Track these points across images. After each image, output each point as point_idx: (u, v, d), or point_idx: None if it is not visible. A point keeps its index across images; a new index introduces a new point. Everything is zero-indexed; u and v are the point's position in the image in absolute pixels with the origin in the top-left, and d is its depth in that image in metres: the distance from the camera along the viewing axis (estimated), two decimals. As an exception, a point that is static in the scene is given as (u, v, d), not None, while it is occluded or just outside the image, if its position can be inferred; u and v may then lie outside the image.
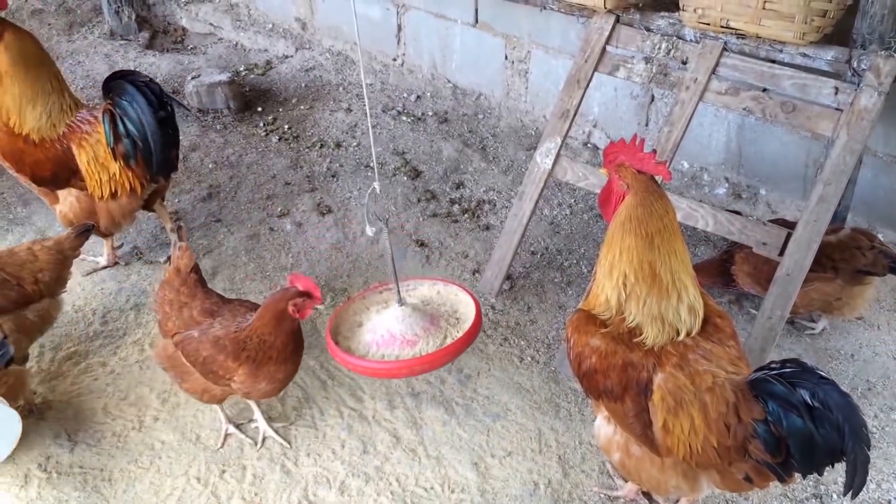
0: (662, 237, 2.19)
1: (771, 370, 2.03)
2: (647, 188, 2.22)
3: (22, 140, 3.34)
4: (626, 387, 2.20)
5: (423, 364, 2.55)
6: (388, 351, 2.58)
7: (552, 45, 4.44)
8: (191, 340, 2.64)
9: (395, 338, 2.60)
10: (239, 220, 4.10)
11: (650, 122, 4.20)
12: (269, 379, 2.63)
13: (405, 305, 2.70)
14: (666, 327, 2.20)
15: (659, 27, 3.25)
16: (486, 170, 4.49)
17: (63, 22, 6.15)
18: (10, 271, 2.88)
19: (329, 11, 5.59)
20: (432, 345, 2.59)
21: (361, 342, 2.64)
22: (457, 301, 2.81)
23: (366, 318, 2.76)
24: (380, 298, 2.86)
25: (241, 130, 4.90)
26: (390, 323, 2.64)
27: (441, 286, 2.89)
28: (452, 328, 2.67)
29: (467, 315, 2.72)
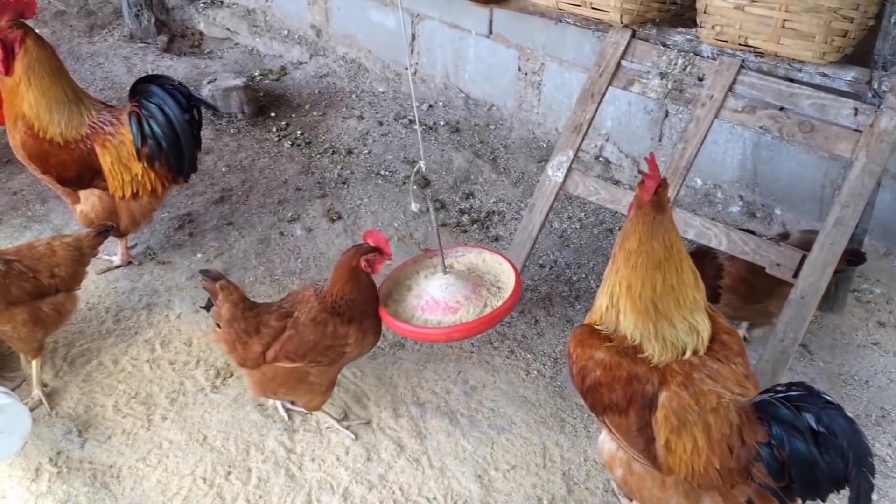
0: (665, 255, 2.19)
1: (777, 393, 2.01)
2: (651, 206, 2.21)
3: (47, 143, 3.38)
4: (632, 400, 2.19)
5: (461, 331, 2.71)
6: (431, 316, 2.73)
7: (566, 58, 4.44)
8: (290, 339, 2.68)
9: (438, 304, 2.75)
10: (250, 223, 4.11)
11: (664, 137, 4.20)
12: (373, 329, 2.80)
13: (450, 273, 2.84)
14: (668, 346, 2.19)
15: (675, 43, 3.25)
16: (497, 181, 4.49)
17: (84, 24, 6.20)
18: (27, 264, 2.93)
19: (344, 19, 5.61)
20: (472, 313, 2.73)
21: (409, 306, 2.80)
22: (500, 270, 2.95)
23: (414, 282, 2.92)
24: (430, 263, 3.01)
25: (254, 135, 4.92)
26: (434, 289, 2.79)
27: (487, 255, 3.03)
28: (493, 297, 2.80)
29: (508, 285, 2.84)
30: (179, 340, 3.33)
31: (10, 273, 2.85)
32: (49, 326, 3.02)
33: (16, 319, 2.88)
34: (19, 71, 3.31)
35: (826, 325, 3.48)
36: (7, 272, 2.84)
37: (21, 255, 2.95)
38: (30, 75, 3.32)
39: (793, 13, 2.81)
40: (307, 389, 2.80)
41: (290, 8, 5.97)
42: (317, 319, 2.68)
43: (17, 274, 2.88)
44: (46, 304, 2.96)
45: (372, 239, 2.74)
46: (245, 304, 2.73)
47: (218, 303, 2.70)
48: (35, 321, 2.93)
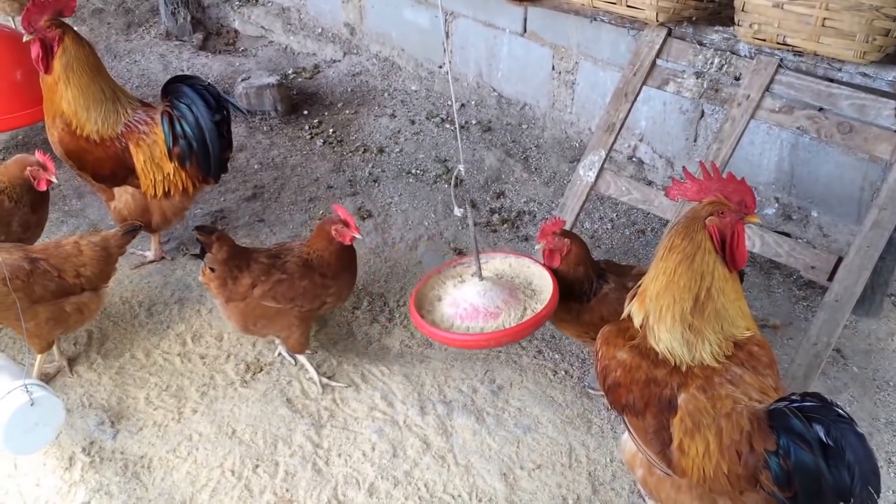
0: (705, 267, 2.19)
1: (791, 402, 2.01)
2: (690, 215, 2.23)
3: (84, 140, 3.47)
4: (648, 402, 2.21)
5: (510, 335, 2.72)
6: (473, 324, 2.74)
7: (601, 56, 4.45)
8: (279, 284, 3.00)
9: (478, 311, 2.75)
10: (281, 220, 4.18)
11: (699, 137, 4.18)
12: (347, 285, 3.16)
13: (485, 279, 2.86)
14: (693, 350, 2.19)
15: (712, 41, 3.24)
16: (528, 180, 4.50)
17: (122, 22, 6.35)
18: (53, 262, 2.97)
19: (378, 18, 5.67)
20: (514, 316, 2.74)
21: (445, 315, 2.80)
22: (530, 273, 2.96)
23: (444, 292, 2.92)
24: (454, 273, 3.02)
25: (286, 133, 5.00)
26: (472, 296, 2.79)
27: (513, 259, 3.06)
28: (530, 299, 2.82)
29: (542, 286, 2.86)
30: (210, 335, 3.40)
31: (35, 272, 2.91)
32: (71, 325, 3.08)
33: (39, 317, 2.94)
34: (58, 69, 3.41)
35: (860, 329, 3.45)
36: (32, 271, 2.90)
37: (48, 253, 3.00)
38: (68, 73, 3.42)
39: (833, 11, 2.78)
40: (285, 325, 3.07)
41: (324, 6, 6.04)
42: (303, 268, 3.00)
43: (42, 273, 2.93)
44: (70, 304, 3.01)
45: (341, 212, 2.97)
46: (238, 248, 3.05)
47: (214, 249, 2.97)
48: (57, 320, 3.00)
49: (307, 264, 3.03)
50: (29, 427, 2.51)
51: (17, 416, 2.41)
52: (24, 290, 2.87)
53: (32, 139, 4.78)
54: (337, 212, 3.00)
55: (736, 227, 2.21)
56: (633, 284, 2.75)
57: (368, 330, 3.47)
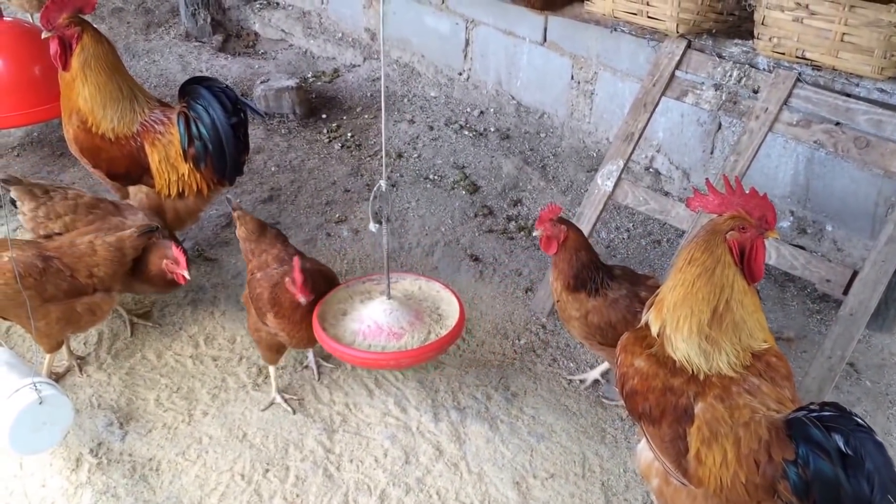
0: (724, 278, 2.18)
1: (810, 412, 2.00)
2: (711, 228, 2.22)
3: (99, 138, 3.47)
4: (664, 411, 2.20)
5: (410, 358, 2.72)
6: (375, 341, 2.73)
7: (620, 67, 4.44)
8: (254, 279, 2.98)
9: (381, 329, 2.74)
10: (297, 223, 4.19)
11: (715, 149, 4.17)
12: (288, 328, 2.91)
13: (392, 299, 2.84)
14: (710, 359, 2.18)
15: (731, 54, 3.23)
16: (545, 189, 4.50)
17: (141, 21, 6.39)
18: (66, 262, 2.96)
19: (399, 23, 5.69)
20: (417, 339, 2.74)
21: (347, 330, 2.78)
22: (438, 298, 2.97)
23: (350, 307, 2.90)
24: (363, 289, 3.01)
25: (304, 136, 5.02)
26: (377, 314, 2.78)
27: (423, 282, 3.06)
28: (435, 324, 2.82)
29: (449, 312, 2.87)
30: (223, 337, 3.41)
31: (48, 271, 2.90)
32: (82, 325, 3.06)
33: (49, 317, 2.93)
34: (76, 66, 3.41)
35: (874, 344, 3.43)
36: (44, 269, 2.89)
37: (62, 252, 2.99)
38: (86, 71, 3.42)
39: (852, 27, 2.79)
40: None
41: (345, 11, 6.07)
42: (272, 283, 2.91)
43: (55, 272, 2.92)
44: (81, 304, 3.00)
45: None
46: (269, 233, 3.14)
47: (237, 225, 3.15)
48: (68, 320, 2.98)
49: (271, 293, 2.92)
50: (37, 426, 2.49)
51: (24, 414, 2.38)
52: (36, 288, 2.86)
53: (48, 136, 4.82)
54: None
55: (756, 242, 2.20)
56: (646, 294, 2.78)
57: (381, 335, 3.47)
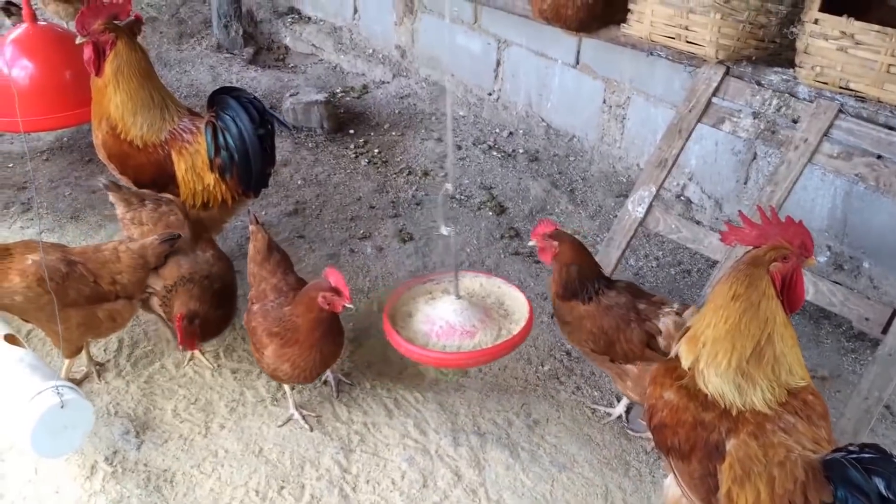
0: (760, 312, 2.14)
1: (848, 453, 1.94)
2: (750, 261, 2.18)
3: (127, 144, 3.48)
4: (694, 446, 2.15)
5: (488, 355, 2.72)
6: (449, 342, 2.71)
7: (654, 92, 4.41)
8: (251, 311, 2.97)
9: (454, 329, 2.72)
10: (321, 238, 4.18)
11: (749, 180, 4.12)
12: (293, 362, 2.82)
13: (461, 298, 2.82)
14: (744, 395, 2.13)
15: (771, 82, 3.20)
16: (573, 213, 4.47)
17: (174, 32, 6.46)
18: (90, 267, 2.96)
19: (429, 41, 5.71)
20: (490, 336, 2.72)
21: (419, 332, 2.76)
22: (501, 293, 2.96)
23: (415, 308, 2.87)
24: (424, 289, 2.99)
25: (331, 150, 5.03)
26: (447, 314, 2.76)
27: (483, 279, 3.05)
28: (504, 320, 2.81)
29: (514, 307, 2.87)
30: (243, 349, 3.39)
31: (71, 275, 2.90)
32: (102, 332, 3.07)
33: (70, 322, 2.92)
34: (108, 73, 3.43)
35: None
36: (67, 274, 2.90)
37: (86, 257, 2.99)
38: (118, 78, 3.44)
39: (900, 58, 2.75)
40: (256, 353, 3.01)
41: (376, 27, 6.10)
42: (265, 315, 2.89)
43: (78, 277, 2.92)
44: (102, 310, 3.00)
45: (332, 279, 2.73)
46: (272, 258, 3.07)
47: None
48: (88, 325, 2.98)
49: (275, 322, 2.86)
50: (57, 430, 2.48)
51: (46, 417, 2.38)
52: (58, 292, 2.84)
53: (77, 142, 4.86)
54: (328, 277, 2.75)
55: (796, 271, 2.15)
56: (644, 307, 2.80)
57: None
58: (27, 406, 2.35)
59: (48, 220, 4.17)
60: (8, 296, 2.86)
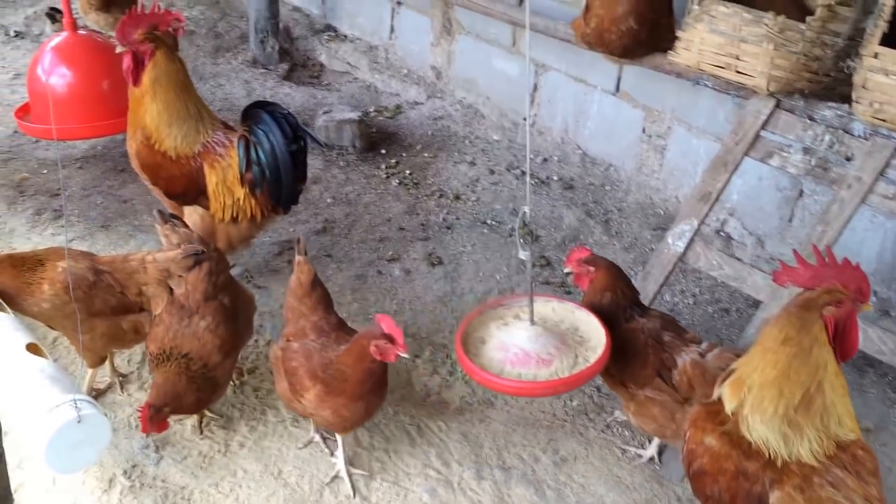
0: (814, 355, 2.06)
1: None
2: (802, 304, 2.10)
3: (160, 155, 3.49)
4: (735, 497, 2.07)
5: (565, 384, 2.63)
6: (525, 370, 2.61)
7: (696, 123, 4.35)
8: (289, 349, 2.80)
9: (529, 356, 2.62)
10: (349, 258, 4.15)
11: (794, 217, 4.03)
12: (334, 410, 2.69)
13: (536, 324, 2.73)
14: (790, 444, 2.05)
15: (824, 117, 3.12)
16: (607, 244, 4.40)
17: (211, 45, 6.52)
18: (118, 277, 2.94)
19: (466, 63, 5.69)
20: (566, 364, 2.63)
21: (492, 359, 2.67)
22: (575, 319, 2.86)
23: (487, 334, 2.78)
24: (495, 314, 2.88)
25: (362, 170, 5.01)
26: (522, 341, 2.66)
27: (556, 303, 2.94)
28: (580, 346, 2.71)
29: (590, 333, 2.77)
30: (266, 367, 3.34)
31: (98, 285, 2.89)
32: (126, 343, 3.04)
33: (95, 331, 2.91)
34: (146, 83, 3.44)
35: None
36: (95, 283, 2.88)
37: (114, 267, 2.97)
38: (156, 88, 3.45)
39: (965, 98, 2.66)
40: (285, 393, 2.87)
41: (413, 47, 6.11)
42: (308, 357, 2.74)
43: (105, 287, 2.90)
44: (127, 321, 2.97)
45: (385, 325, 2.59)
46: (313, 293, 2.90)
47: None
48: (112, 336, 2.96)
49: (321, 367, 2.69)
50: (73, 445, 2.41)
51: (62, 431, 2.34)
52: (84, 301, 2.84)
53: (112, 150, 4.89)
54: (381, 323, 2.62)
55: (850, 317, 2.07)
56: (670, 339, 2.77)
57: (428, 381, 3.38)
58: (43, 419, 2.31)
59: (79, 228, 4.18)
60: (36, 303, 2.85)
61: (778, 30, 3.08)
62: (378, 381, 2.68)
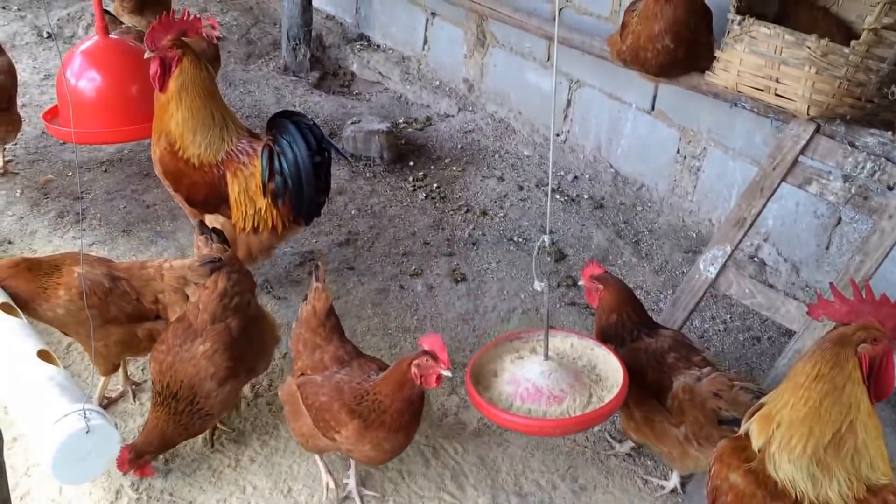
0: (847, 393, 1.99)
1: None
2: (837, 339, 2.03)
3: (183, 162, 3.49)
4: None
5: (575, 424, 2.58)
6: (534, 406, 2.56)
7: (733, 145, 4.27)
8: (312, 384, 2.65)
9: (541, 392, 2.58)
10: (371, 271, 4.12)
11: (832, 245, 3.92)
12: (374, 445, 2.56)
13: (550, 359, 2.68)
14: (818, 486, 1.98)
15: (866, 144, 3.04)
16: (637, 266, 4.32)
17: (243, 52, 6.56)
18: (134, 284, 2.94)
19: (498, 76, 5.66)
20: (579, 403, 2.57)
21: (503, 393, 2.62)
22: (594, 356, 2.80)
23: (500, 367, 2.74)
24: (511, 347, 2.84)
25: (389, 182, 4.98)
26: (534, 376, 2.63)
27: (575, 339, 2.88)
28: (596, 385, 2.65)
29: (607, 372, 2.70)
30: (281, 381, 3.31)
31: (114, 292, 2.88)
32: (141, 351, 3.02)
33: (109, 338, 2.90)
34: (172, 89, 3.45)
35: None
36: (110, 290, 2.88)
37: (131, 273, 2.97)
38: (182, 94, 3.46)
39: None
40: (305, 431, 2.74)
41: (445, 59, 6.09)
42: (339, 390, 2.58)
43: (121, 294, 2.90)
44: (142, 329, 2.96)
45: (427, 343, 2.47)
46: (327, 322, 2.77)
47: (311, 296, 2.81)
48: (127, 344, 2.96)
49: (356, 399, 2.55)
50: (80, 455, 2.39)
51: (69, 442, 2.33)
52: (99, 307, 2.85)
53: (137, 155, 4.91)
54: (423, 343, 2.49)
55: (887, 356, 1.99)
56: (673, 361, 2.73)
57: (446, 401, 3.33)
58: (51, 428, 2.30)
59: (100, 232, 4.20)
60: (51, 309, 2.85)
61: (821, 53, 3.00)
62: (418, 409, 2.58)
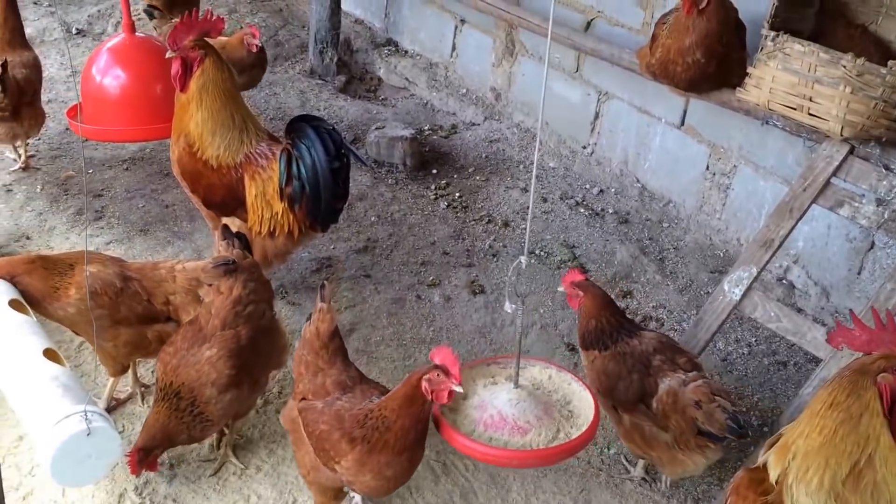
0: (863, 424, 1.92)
1: None
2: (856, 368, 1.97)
3: (201, 163, 3.49)
4: None
5: (534, 458, 2.51)
6: (497, 434, 2.50)
7: (764, 164, 4.20)
8: (313, 410, 2.54)
9: (505, 421, 2.52)
10: (388, 280, 4.09)
11: (864, 270, 3.84)
12: (376, 472, 2.41)
13: (520, 387, 2.63)
14: None
15: (901, 168, 2.97)
16: (661, 284, 4.26)
17: (270, 54, 6.53)
18: (145, 285, 2.93)
19: (526, 86, 5.62)
20: (544, 437, 2.51)
21: (467, 417, 2.57)
22: (570, 391, 2.75)
23: (471, 390, 2.67)
24: (486, 371, 2.79)
25: (410, 189, 4.96)
26: (502, 403, 2.57)
27: (554, 371, 2.84)
28: (566, 421, 2.59)
29: (580, 409, 2.65)
30: (292, 389, 3.29)
31: (125, 292, 2.88)
32: (150, 352, 3.01)
33: (119, 339, 2.91)
34: (193, 89, 3.46)
35: None
36: (121, 290, 2.87)
37: (143, 274, 2.96)
38: (202, 95, 3.46)
39: None
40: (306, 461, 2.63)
41: (473, 67, 6.07)
42: (339, 417, 2.46)
43: (132, 294, 2.89)
44: (153, 331, 2.96)
45: (438, 356, 2.38)
46: (331, 345, 2.65)
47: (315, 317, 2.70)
48: (136, 345, 2.95)
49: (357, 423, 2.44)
50: (81, 458, 2.40)
51: (69, 444, 2.32)
52: (109, 308, 2.85)
53: (159, 154, 4.94)
54: (434, 357, 2.40)
55: None
56: (659, 364, 2.77)
57: (458, 417, 3.29)
58: (52, 429, 2.29)
59: (118, 231, 4.22)
60: (62, 307, 2.86)
61: (856, 73, 2.94)
62: (424, 430, 2.46)
